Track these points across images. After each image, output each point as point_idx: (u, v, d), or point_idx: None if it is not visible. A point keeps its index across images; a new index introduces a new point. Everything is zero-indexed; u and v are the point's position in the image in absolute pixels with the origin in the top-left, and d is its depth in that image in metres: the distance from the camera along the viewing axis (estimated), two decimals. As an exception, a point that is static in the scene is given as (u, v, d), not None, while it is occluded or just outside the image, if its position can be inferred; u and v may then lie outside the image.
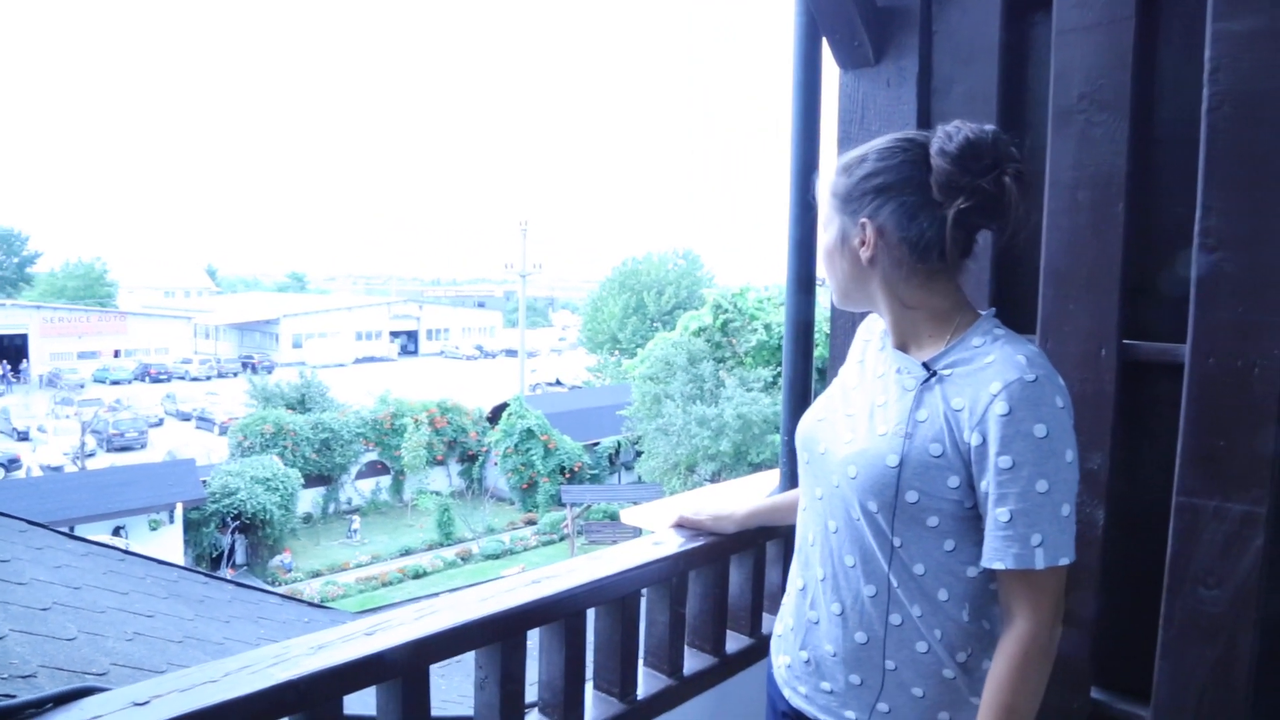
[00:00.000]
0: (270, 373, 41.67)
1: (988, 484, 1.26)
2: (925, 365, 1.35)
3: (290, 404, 28.67)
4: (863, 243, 1.37)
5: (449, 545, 23.67)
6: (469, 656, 1.51)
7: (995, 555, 1.27)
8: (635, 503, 19.82)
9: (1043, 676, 1.33)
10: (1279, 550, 1.90)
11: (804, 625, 1.43)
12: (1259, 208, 1.90)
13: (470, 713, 1.55)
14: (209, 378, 50.49)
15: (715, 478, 22.08)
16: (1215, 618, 1.98)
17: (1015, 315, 2.25)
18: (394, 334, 63.15)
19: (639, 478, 25.83)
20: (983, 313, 1.42)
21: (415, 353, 64.12)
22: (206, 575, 4.92)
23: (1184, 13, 2.00)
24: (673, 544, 1.76)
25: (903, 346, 1.41)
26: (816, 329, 3.74)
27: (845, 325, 2.51)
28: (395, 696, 1.35)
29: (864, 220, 1.35)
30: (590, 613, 1.66)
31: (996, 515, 1.26)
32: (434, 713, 1.51)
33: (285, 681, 1.18)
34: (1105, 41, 2.06)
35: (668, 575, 1.71)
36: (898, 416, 1.33)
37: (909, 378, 1.36)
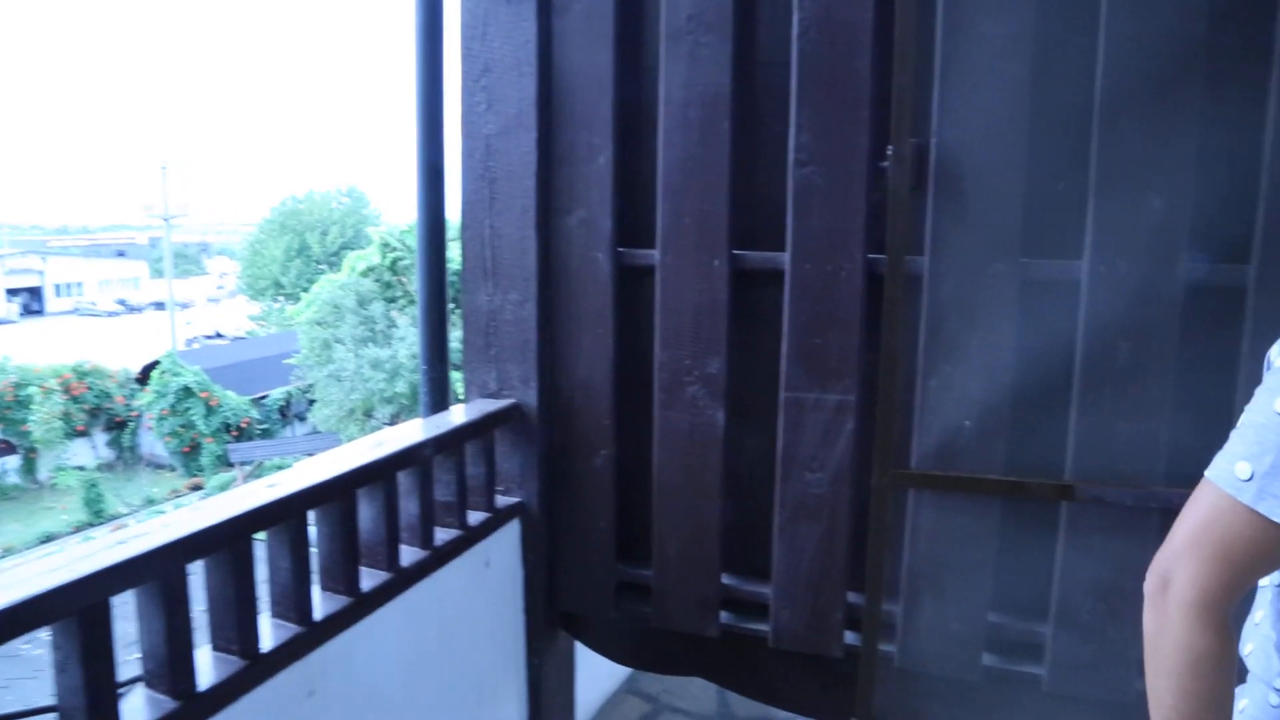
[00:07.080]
0: None
1: None
2: None
3: (-123, 379, 24.21)
4: None
5: (101, 524, 21.27)
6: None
7: None
8: (311, 454, 18.88)
9: None
10: (868, 435, 2.14)
11: None
12: (840, 126, 2.08)
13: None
14: None
15: (394, 420, 21.58)
16: (819, 498, 2.20)
17: (637, 232, 2.33)
18: (12, 292, 54.78)
19: (314, 428, 24.66)
20: None
21: (41, 312, 56.16)
22: None
23: (777, -61, 2.12)
24: (290, 484, 1.65)
25: None
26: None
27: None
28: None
29: None
30: (199, 567, 1.52)
31: None
32: (13, 709, 1.31)
33: None
34: (707, -37, 2.14)
35: (283, 517, 1.59)
36: None
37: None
